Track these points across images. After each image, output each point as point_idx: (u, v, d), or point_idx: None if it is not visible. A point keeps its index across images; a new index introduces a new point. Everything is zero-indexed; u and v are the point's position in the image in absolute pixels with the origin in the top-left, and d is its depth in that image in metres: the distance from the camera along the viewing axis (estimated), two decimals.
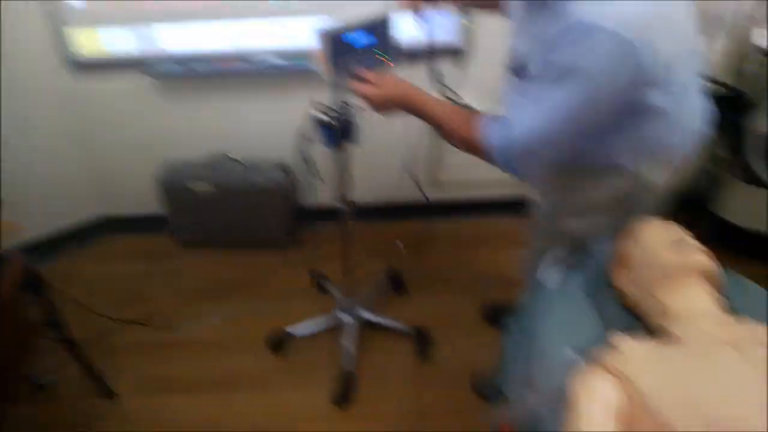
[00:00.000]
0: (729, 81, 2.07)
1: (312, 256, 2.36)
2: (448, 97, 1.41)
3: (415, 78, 1.24)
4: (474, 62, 2.13)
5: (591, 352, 0.88)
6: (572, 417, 0.78)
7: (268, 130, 2.29)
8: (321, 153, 1.58)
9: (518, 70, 1.08)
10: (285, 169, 2.29)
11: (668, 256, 0.96)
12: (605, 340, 0.89)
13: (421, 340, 1.92)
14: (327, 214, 2.37)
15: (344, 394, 1.74)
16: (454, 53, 2.11)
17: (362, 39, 1.27)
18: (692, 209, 2.39)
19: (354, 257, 1.86)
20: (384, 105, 1.24)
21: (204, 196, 2.27)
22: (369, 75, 1.24)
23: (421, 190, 2.32)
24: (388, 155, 2.26)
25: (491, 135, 1.05)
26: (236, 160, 2.30)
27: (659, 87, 0.96)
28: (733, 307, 1.04)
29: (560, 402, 0.87)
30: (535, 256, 1.41)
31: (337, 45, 1.23)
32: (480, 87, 1.58)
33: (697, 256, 0.95)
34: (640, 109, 0.99)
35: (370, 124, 1.50)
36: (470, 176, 2.40)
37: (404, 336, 1.96)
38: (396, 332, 1.98)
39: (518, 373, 1.02)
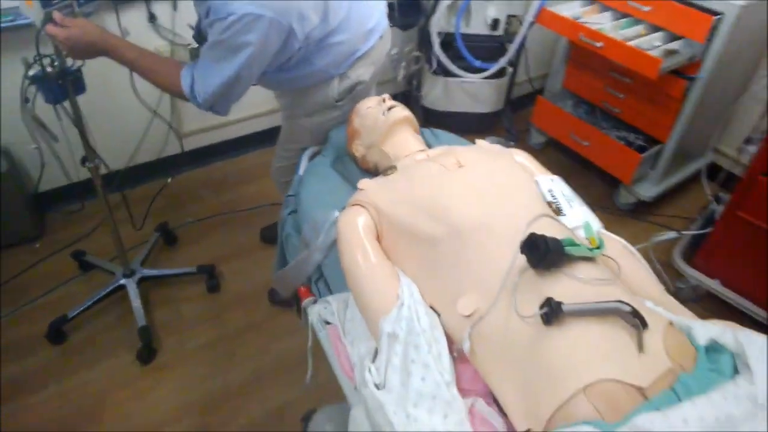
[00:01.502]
0: None
1: (71, 236, 2.19)
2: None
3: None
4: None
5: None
6: (339, 245, 0.99)
7: None
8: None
9: (198, 39, 1.35)
10: (6, 154, 2.03)
11: (382, 118, 1.22)
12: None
13: (208, 275, 1.99)
14: (77, 189, 2.21)
15: (147, 349, 1.74)
16: None
17: None
18: (408, 102, 2.84)
19: (114, 222, 1.80)
20: (74, 48, 1.26)
21: None
22: (58, 17, 1.22)
23: (180, 139, 2.31)
24: (127, 119, 2.19)
25: (192, 90, 1.28)
26: None
27: (321, 23, 1.26)
28: (430, 144, 1.38)
29: (331, 245, 1.08)
30: (285, 159, 1.62)
31: None
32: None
33: (402, 111, 1.23)
34: (316, 42, 1.30)
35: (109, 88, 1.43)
36: (215, 121, 2.45)
37: (192, 278, 2.01)
38: (182, 277, 2.01)
39: (295, 244, 1.20)
